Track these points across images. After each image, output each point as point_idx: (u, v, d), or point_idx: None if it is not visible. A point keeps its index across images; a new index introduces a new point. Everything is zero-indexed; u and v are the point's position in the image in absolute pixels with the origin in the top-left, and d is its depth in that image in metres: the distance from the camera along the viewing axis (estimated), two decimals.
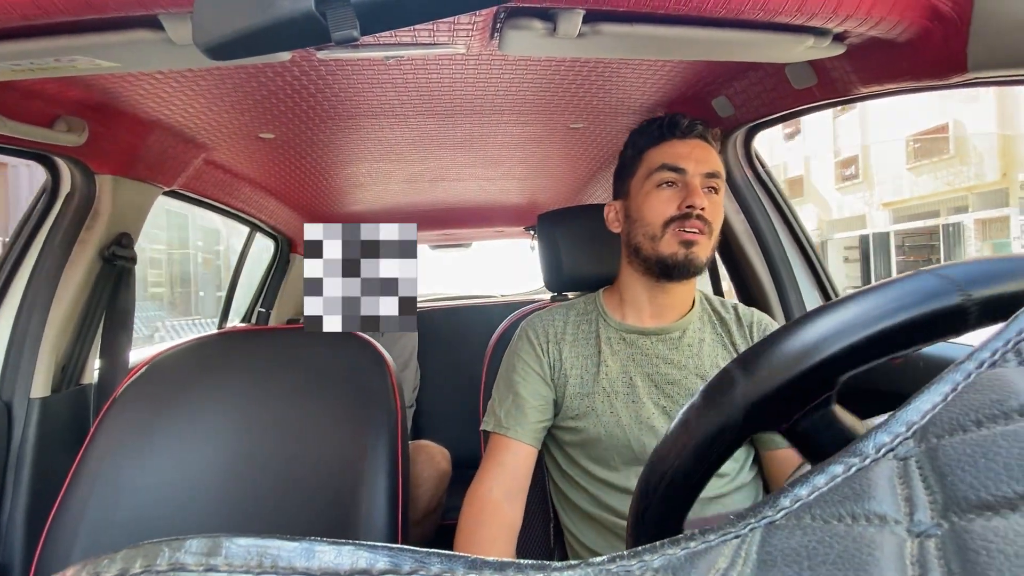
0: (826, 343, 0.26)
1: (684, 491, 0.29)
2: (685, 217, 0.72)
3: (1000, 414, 0.15)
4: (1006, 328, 0.17)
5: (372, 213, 1.93)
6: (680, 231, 0.73)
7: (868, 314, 0.25)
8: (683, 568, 0.15)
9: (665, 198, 0.74)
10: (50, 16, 0.50)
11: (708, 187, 0.75)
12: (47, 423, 0.96)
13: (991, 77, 0.61)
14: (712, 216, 0.74)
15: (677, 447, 0.29)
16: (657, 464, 0.30)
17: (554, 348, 0.80)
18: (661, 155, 0.76)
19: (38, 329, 0.96)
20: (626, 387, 0.76)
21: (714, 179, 0.76)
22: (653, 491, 0.30)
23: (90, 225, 1.00)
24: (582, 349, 0.79)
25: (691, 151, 0.75)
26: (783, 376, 0.26)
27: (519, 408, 0.76)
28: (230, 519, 0.74)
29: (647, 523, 0.30)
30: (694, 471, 0.29)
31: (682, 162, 0.74)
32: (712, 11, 0.57)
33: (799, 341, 0.27)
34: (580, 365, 0.78)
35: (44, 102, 0.80)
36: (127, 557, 0.14)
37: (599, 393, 0.76)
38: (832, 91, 0.80)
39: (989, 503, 0.13)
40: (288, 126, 1.05)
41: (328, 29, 0.30)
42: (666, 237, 0.73)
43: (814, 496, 0.16)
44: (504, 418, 0.76)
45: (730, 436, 0.28)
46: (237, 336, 0.93)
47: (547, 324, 0.82)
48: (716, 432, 0.28)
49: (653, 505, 0.30)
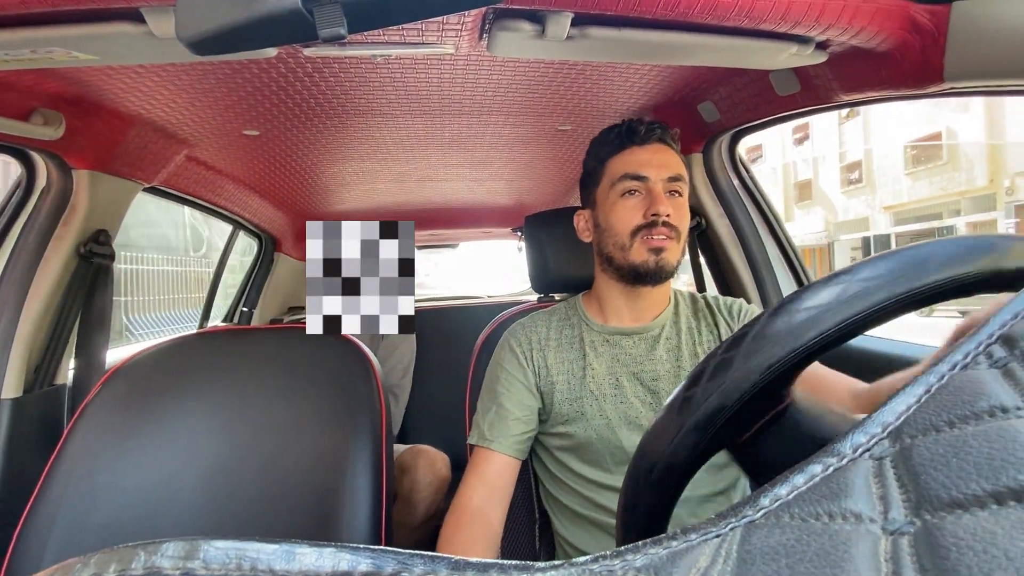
0: (817, 316, 0.27)
1: (676, 478, 0.30)
2: (651, 225, 0.73)
3: (971, 414, 0.15)
4: (978, 331, 0.18)
5: (359, 212, 1.91)
6: (648, 239, 0.74)
7: (845, 290, 0.28)
8: (665, 567, 0.15)
9: (630, 207, 0.75)
10: (26, 7, 0.49)
11: (671, 191, 0.76)
12: (19, 424, 0.94)
13: (967, 87, 0.63)
14: (678, 220, 0.75)
15: (668, 434, 0.29)
16: (648, 453, 0.30)
17: (539, 355, 0.80)
18: (623, 164, 0.76)
19: (10, 327, 0.93)
20: (613, 388, 0.76)
21: (677, 183, 0.76)
22: (644, 481, 0.30)
23: (66, 221, 0.97)
24: (567, 354, 0.80)
25: (651, 157, 0.75)
26: (780, 350, 0.27)
27: (502, 420, 0.76)
28: (209, 522, 0.72)
29: (638, 514, 0.30)
30: (686, 457, 0.29)
31: (643, 170, 0.75)
32: (698, 17, 0.58)
33: (792, 315, 0.28)
34: (567, 370, 0.78)
35: (19, 94, 0.78)
36: (101, 561, 0.14)
37: (587, 396, 0.76)
38: (814, 98, 0.81)
39: (960, 501, 0.13)
40: (273, 123, 1.04)
41: (315, 26, 0.30)
42: (635, 246, 0.74)
43: (793, 495, 0.16)
44: (487, 431, 0.76)
45: (724, 416, 0.28)
46: (218, 336, 0.92)
47: (530, 332, 0.82)
48: (712, 412, 0.28)
49: (643, 497, 0.30)
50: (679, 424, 0.29)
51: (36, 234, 0.95)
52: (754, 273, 1.14)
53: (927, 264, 0.27)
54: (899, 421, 0.17)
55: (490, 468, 0.75)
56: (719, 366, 0.28)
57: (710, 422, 0.28)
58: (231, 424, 0.78)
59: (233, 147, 1.17)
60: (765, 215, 1.16)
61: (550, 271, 0.99)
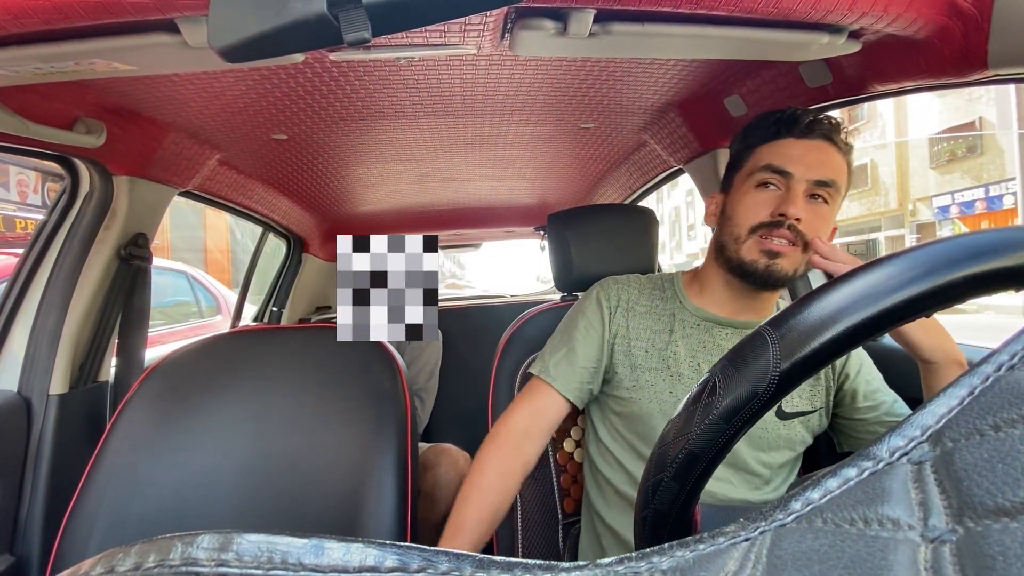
0: (863, 300, 0.26)
1: (704, 465, 0.29)
2: (775, 225, 0.67)
3: (1019, 418, 0.15)
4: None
5: (383, 213, 1.94)
6: (766, 239, 0.67)
7: (898, 275, 0.27)
8: (692, 570, 0.15)
9: (760, 201, 0.69)
10: (70, 21, 0.51)
11: (815, 195, 0.68)
12: (65, 419, 0.98)
13: (1012, 74, 0.60)
14: (809, 228, 0.67)
15: (697, 416, 0.29)
16: (675, 436, 0.30)
17: (622, 316, 0.78)
18: (770, 154, 0.69)
19: (57, 327, 0.98)
20: (692, 371, 0.73)
21: (825, 188, 0.68)
22: (670, 461, 0.29)
23: (107, 225, 1.02)
24: (653, 324, 0.77)
25: (805, 154, 0.68)
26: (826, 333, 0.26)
27: (570, 363, 0.76)
28: (241, 515, 0.75)
29: (660, 497, 0.30)
30: (715, 441, 0.28)
31: (789, 165, 0.67)
32: (724, 9, 0.57)
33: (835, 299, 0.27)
34: (647, 339, 0.76)
35: (64, 105, 0.82)
36: (141, 551, 0.15)
37: (662, 370, 0.74)
38: (847, 89, 0.78)
39: (1006, 508, 0.13)
40: (301, 127, 1.07)
41: (340, 31, 0.30)
42: (749, 243, 0.69)
43: (826, 500, 0.16)
44: (552, 368, 0.76)
45: (758, 404, 0.27)
46: (249, 335, 0.94)
47: (621, 291, 0.80)
48: (745, 398, 0.27)
49: (667, 479, 0.29)
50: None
51: (80, 238, 1.00)
52: None
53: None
54: (940, 424, 0.16)
55: (544, 401, 0.75)
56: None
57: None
58: (262, 420, 0.81)
59: (262, 151, 1.20)
60: None
61: (574, 270, 0.98)
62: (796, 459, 0.76)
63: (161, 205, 1.13)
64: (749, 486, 0.72)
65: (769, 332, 0.28)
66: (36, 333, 0.98)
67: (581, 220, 1.01)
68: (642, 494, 0.31)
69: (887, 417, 0.73)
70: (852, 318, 0.26)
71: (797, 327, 0.27)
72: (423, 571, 0.14)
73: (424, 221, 2.10)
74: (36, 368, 0.97)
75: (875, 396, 0.74)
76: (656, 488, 0.30)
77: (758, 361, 0.27)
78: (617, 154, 1.38)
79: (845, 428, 0.76)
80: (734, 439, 0.29)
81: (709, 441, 0.28)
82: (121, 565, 0.14)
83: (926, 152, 13.06)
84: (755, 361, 0.28)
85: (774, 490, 0.73)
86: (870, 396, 0.74)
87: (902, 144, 13.54)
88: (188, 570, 0.14)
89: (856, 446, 0.75)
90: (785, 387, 0.27)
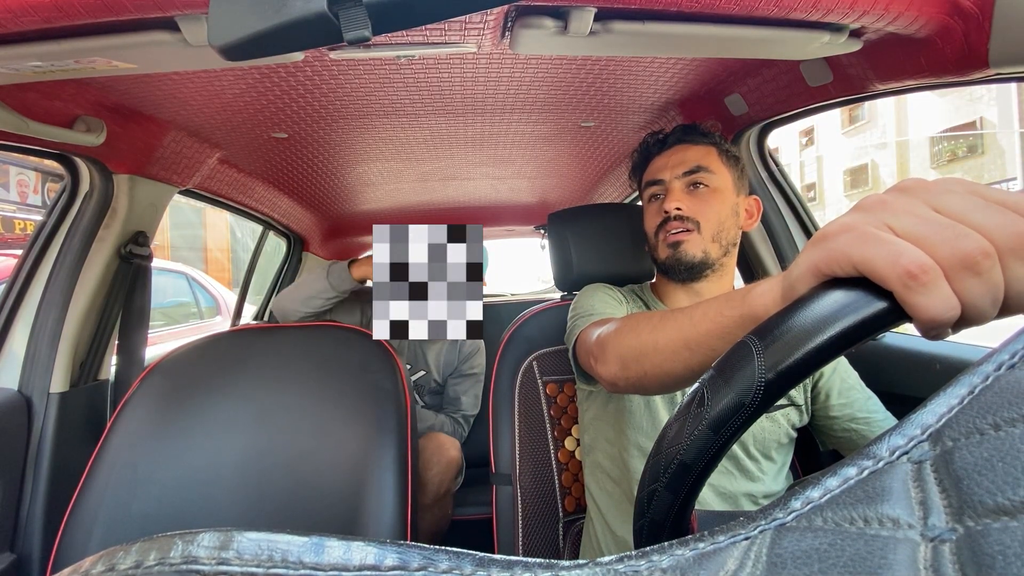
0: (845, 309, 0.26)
1: (698, 470, 0.29)
2: (665, 222, 0.78)
3: (1019, 417, 0.15)
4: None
5: (384, 211, 1.94)
6: (666, 236, 0.78)
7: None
8: (691, 569, 0.15)
9: (653, 211, 0.81)
10: (70, 19, 0.51)
11: (692, 183, 0.78)
12: (65, 417, 0.98)
13: (1013, 73, 0.60)
14: (693, 211, 0.76)
15: (689, 424, 0.29)
16: (669, 442, 0.30)
17: (626, 307, 0.83)
18: (648, 174, 0.84)
19: (57, 325, 0.98)
20: None
21: (696, 174, 0.77)
22: (663, 471, 0.29)
23: (108, 224, 1.02)
24: None
25: (668, 160, 0.80)
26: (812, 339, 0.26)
27: (603, 316, 0.75)
28: (241, 513, 0.75)
29: (655, 507, 0.30)
30: (707, 448, 0.28)
31: (660, 174, 0.80)
32: (725, 8, 0.57)
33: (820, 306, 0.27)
34: None
35: (64, 103, 0.82)
36: (142, 549, 0.15)
37: None
38: (848, 88, 0.78)
39: (1006, 507, 0.13)
40: (301, 125, 1.07)
41: (341, 29, 0.30)
42: (659, 245, 0.79)
43: (826, 498, 0.16)
44: (597, 314, 0.76)
45: (747, 412, 0.27)
46: (249, 333, 0.94)
47: (613, 288, 0.86)
48: (732, 406, 0.27)
49: (660, 489, 0.29)
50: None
51: (80, 236, 1.00)
52: (784, 270, 1.11)
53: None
54: (940, 423, 0.16)
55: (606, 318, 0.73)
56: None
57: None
58: (262, 418, 0.81)
59: (262, 149, 1.20)
60: (796, 211, 1.12)
61: (574, 269, 0.98)
62: (788, 448, 0.78)
63: (161, 203, 1.12)
64: (746, 476, 0.74)
65: (754, 341, 0.28)
66: (36, 331, 0.98)
67: (581, 219, 1.01)
68: (638, 504, 0.31)
69: (860, 414, 0.74)
70: (837, 326, 0.25)
71: (782, 336, 0.27)
72: (423, 570, 0.14)
73: (424, 219, 2.10)
74: (37, 366, 0.97)
75: (849, 394, 0.75)
76: (651, 498, 0.30)
77: (744, 371, 0.27)
78: (617, 152, 1.38)
79: (823, 427, 0.78)
80: (724, 448, 0.28)
81: (700, 451, 0.28)
82: (122, 563, 0.14)
83: (927, 152, 13.25)
84: (741, 371, 0.27)
85: (772, 479, 0.75)
86: (844, 393, 0.75)
87: (903, 144, 13.94)
88: (188, 568, 0.14)
89: (836, 445, 0.77)
90: (772, 396, 0.27)
